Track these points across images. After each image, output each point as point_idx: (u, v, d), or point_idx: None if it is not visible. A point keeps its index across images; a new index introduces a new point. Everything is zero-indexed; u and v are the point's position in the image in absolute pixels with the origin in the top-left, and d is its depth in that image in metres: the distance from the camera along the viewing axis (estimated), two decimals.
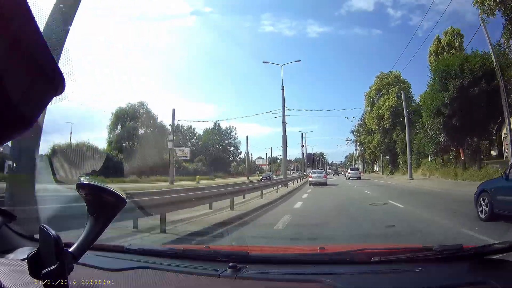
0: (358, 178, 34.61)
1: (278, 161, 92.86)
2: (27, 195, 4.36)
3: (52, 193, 5.01)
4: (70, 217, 3.19)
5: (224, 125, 72.40)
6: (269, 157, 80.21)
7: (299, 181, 29.74)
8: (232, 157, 74.88)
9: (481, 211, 6.47)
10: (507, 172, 6.15)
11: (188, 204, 7.48)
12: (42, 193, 4.63)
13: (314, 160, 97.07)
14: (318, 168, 46.61)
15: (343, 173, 64.04)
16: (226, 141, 73.86)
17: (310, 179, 24.45)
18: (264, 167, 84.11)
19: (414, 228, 6.15)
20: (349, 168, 48.45)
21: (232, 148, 77.24)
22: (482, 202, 6.50)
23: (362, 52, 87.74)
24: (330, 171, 79.73)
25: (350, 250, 1.68)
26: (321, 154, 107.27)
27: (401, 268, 1.46)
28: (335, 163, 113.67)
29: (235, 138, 77.16)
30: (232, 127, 74.52)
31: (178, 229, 6.12)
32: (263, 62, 22.00)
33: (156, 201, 6.50)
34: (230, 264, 1.46)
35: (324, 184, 23.32)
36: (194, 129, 68.08)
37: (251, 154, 79.92)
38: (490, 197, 6.26)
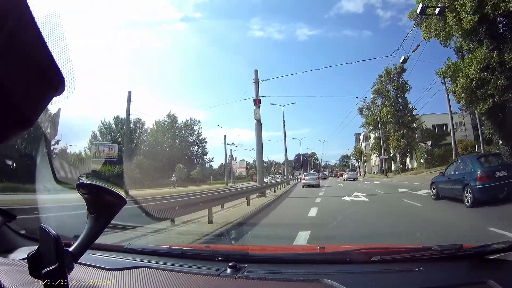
0: (356, 178, 34.91)
1: (264, 164, 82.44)
2: None
3: None
4: None
5: (183, 117, 57.91)
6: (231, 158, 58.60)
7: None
8: (196, 159, 58.44)
9: (432, 195, 10.32)
10: (443, 172, 10.10)
11: None
12: None
13: (304, 161, 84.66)
14: (311, 171, 44.08)
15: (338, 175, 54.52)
16: (187, 139, 57.18)
17: (303, 181, 25.41)
18: (243, 171, 69.50)
19: None
20: (347, 169, 47.86)
21: (196, 147, 58.69)
22: (432, 189, 10.40)
23: (353, 54, 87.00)
24: (327, 173, 71.26)
25: (350, 250, 1.68)
26: (313, 154, 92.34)
27: (401, 267, 1.46)
28: (329, 164, 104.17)
29: (199, 135, 58.16)
30: (195, 119, 57.25)
31: None
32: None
33: None
34: (230, 264, 1.46)
35: (317, 185, 23.63)
36: (143, 123, 51.86)
37: (235, 157, 64.03)
38: (436, 186, 10.16)
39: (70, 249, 0.89)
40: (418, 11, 16.26)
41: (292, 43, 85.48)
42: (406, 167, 38.46)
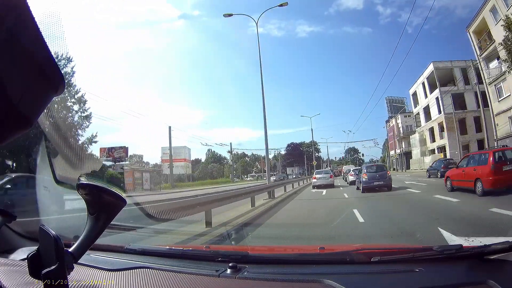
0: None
1: (227, 160, 53.82)
2: None
3: None
4: None
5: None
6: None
7: None
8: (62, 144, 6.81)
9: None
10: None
11: None
12: None
13: (301, 154, 64.28)
14: (323, 169, 37.21)
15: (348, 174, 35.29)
16: None
17: (314, 180, 22.42)
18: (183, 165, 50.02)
19: None
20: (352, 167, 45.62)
21: (71, 115, 22.86)
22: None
23: (353, 50, 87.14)
24: (349, 167, 40.00)
25: (350, 250, 1.68)
26: (314, 143, 64.58)
27: (401, 268, 1.46)
28: (333, 160, 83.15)
29: (74, 89, 22.48)
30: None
31: None
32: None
33: None
34: (230, 264, 1.46)
35: (331, 185, 20.86)
36: None
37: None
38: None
39: (70, 249, 0.88)
40: None
41: (291, 40, 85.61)
42: None
